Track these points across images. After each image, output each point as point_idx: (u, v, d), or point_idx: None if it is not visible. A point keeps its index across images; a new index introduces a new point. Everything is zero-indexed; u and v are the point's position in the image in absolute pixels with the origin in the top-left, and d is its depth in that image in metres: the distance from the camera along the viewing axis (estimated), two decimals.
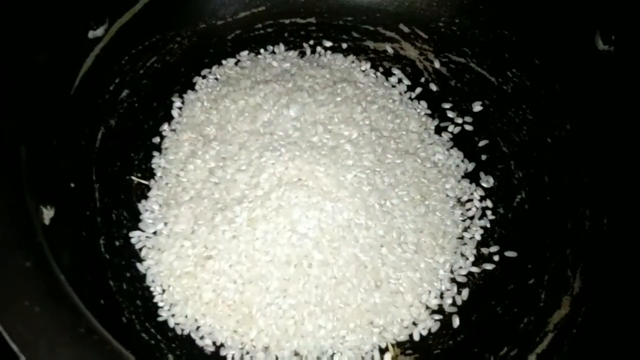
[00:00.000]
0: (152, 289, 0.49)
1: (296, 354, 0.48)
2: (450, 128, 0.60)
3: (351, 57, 0.63)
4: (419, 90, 0.61)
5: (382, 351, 0.49)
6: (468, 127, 0.60)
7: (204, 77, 0.61)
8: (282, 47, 0.63)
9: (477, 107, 0.60)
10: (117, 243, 0.50)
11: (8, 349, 0.29)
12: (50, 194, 0.42)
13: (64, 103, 0.48)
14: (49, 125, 0.44)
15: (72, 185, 0.48)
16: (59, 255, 0.37)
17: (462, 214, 0.55)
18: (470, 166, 0.57)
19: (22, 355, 0.28)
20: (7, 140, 0.34)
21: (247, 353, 0.47)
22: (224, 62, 0.62)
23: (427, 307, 0.50)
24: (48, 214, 0.40)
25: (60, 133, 0.47)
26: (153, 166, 0.55)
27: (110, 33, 0.52)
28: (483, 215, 0.55)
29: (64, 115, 0.48)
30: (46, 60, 0.40)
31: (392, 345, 0.49)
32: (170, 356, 0.46)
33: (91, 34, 0.50)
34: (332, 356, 0.48)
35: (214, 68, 0.61)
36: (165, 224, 0.51)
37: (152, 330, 0.47)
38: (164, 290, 0.49)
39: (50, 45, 0.42)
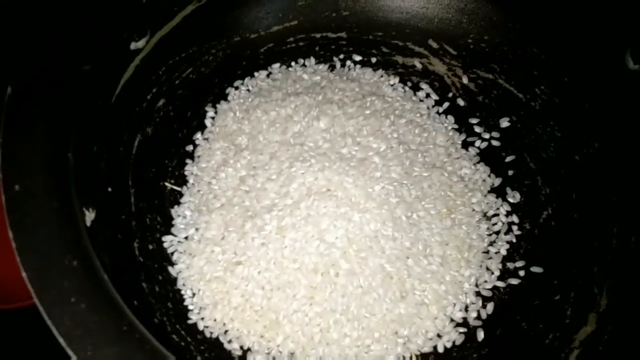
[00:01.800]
0: (182, 292, 0.51)
1: None
2: (477, 143, 0.60)
3: (380, 72, 0.64)
4: (446, 105, 0.62)
5: None
6: (495, 143, 0.60)
7: (236, 88, 0.62)
8: (312, 60, 0.64)
9: (504, 122, 0.60)
10: (150, 247, 0.52)
11: (55, 343, 0.31)
12: (92, 196, 0.43)
13: (105, 111, 0.49)
14: (91, 132, 0.46)
15: (110, 189, 0.49)
16: (99, 256, 0.38)
17: (488, 228, 0.55)
18: (497, 181, 0.57)
19: (69, 350, 0.29)
20: (58, 147, 0.36)
21: (274, 358, 0.48)
22: (256, 74, 0.63)
23: (452, 320, 0.50)
24: (90, 216, 0.42)
25: (101, 139, 0.48)
26: (186, 173, 0.57)
27: (150, 45, 0.53)
28: (509, 230, 0.55)
29: (105, 122, 0.49)
30: (92, 70, 0.42)
31: (416, 356, 0.49)
32: (199, 358, 0.47)
33: (133, 45, 0.51)
34: None
35: (247, 80, 0.63)
36: (197, 229, 0.53)
37: (182, 332, 0.48)
38: (194, 294, 0.51)
39: (97, 56, 0.43)
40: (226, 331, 0.49)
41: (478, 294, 0.52)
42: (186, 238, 0.53)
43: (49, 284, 0.32)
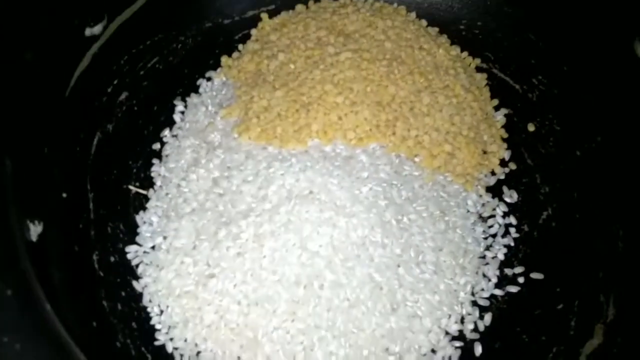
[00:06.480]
0: (149, 309, 0.49)
1: None
2: None
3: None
4: None
5: None
6: None
7: (208, 79, 0.61)
8: None
9: (499, 115, 0.60)
10: (112, 259, 0.50)
11: None
12: (39, 207, 0.40)
13: (57, 106, 0.47)
14: (40, 132, 0.43)
15: (64, 195, 0.47)
16: (47, 276, 0.36)
17: (483, 231, 0.54)
18: (493, 180, 0.56)
19: None
20: None
21: None
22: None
23: (447, 333, 0.49)
24: (35, 229, 0.38)
25: (53, 139, 0.46)
26: (152, 175, 0.56)
27: (109, 31, 0.52)
28: (506, 233, 0.55)
29: (57, 119, 0.47)
30: (36, 59, 0.37)
31: None
32: None
33: (88, 32, 0.49)
34: None
35: (220, 70, 0.61)
36: (165, 238, 0.51)
37: (149, 355, 0.46)
38: (162, 311, 0.49)
39: (42, 43, 0.40)
40: (199, 352, 0.47)
41: (475, 303, 0.51)
42: (153, 248, 0.52)
43: None
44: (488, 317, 0.50)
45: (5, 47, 0.36)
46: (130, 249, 0.51)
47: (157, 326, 0.48)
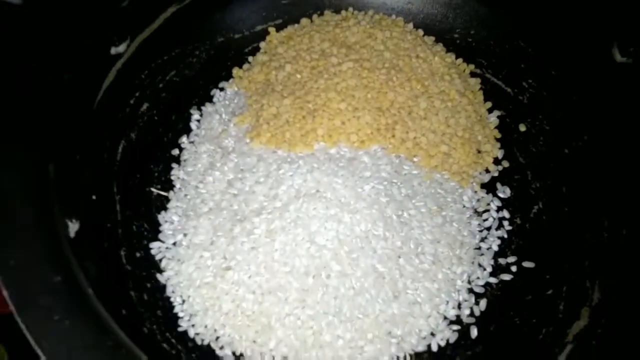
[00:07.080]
0: (172, 299, 0.50)
1: None
2: None
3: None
4: None
5: None
6: None
7: (221, 89, 0.62)
8: None
9: (492, 117, 0.60)
10: (137, 254, 0.51)
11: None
12: (76, 207, 0.42)
13: (87, 118, 0.49)
14: (74, 140, 0.45)
15: (94, 197, 0.49)
16: (85, 268, 0.38)
17: (479, 224, 0.55)
18: (487, 177, 0.57)
19: None
20: (37, 159, 0.35)
21: None
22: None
23: (445, 318, 0.50)
24: (73, 227, 0.41)
25: (84, 147, 0.48)
26: (172, 178, 0.56)
27: (131, 48, 0.53)
28: (500, 226, 0.55)
29: (87, 129, 0.49)
30: (72, 78, 0.41)
31: (410, 355, 0.49)
32: None
33: (113, 50, 0.51)
34: None
35: (232, 81, 0.62)
36: (185, 235, 0.52)
37: (173, 340, 0.48)
38: (183, 301, 0.50)
39: (75, 63, 0.42)
40: (217, 337, 0.49)
41: (470, 290, 0.52)
42: (174, 244, 0.53)
43: (32, 301, 0.31)
44: (483, 303, 0.51)
45: (50, 72, 0.39)
46: (154, 245, 0.52)
47: (180, 314, 0.49)
